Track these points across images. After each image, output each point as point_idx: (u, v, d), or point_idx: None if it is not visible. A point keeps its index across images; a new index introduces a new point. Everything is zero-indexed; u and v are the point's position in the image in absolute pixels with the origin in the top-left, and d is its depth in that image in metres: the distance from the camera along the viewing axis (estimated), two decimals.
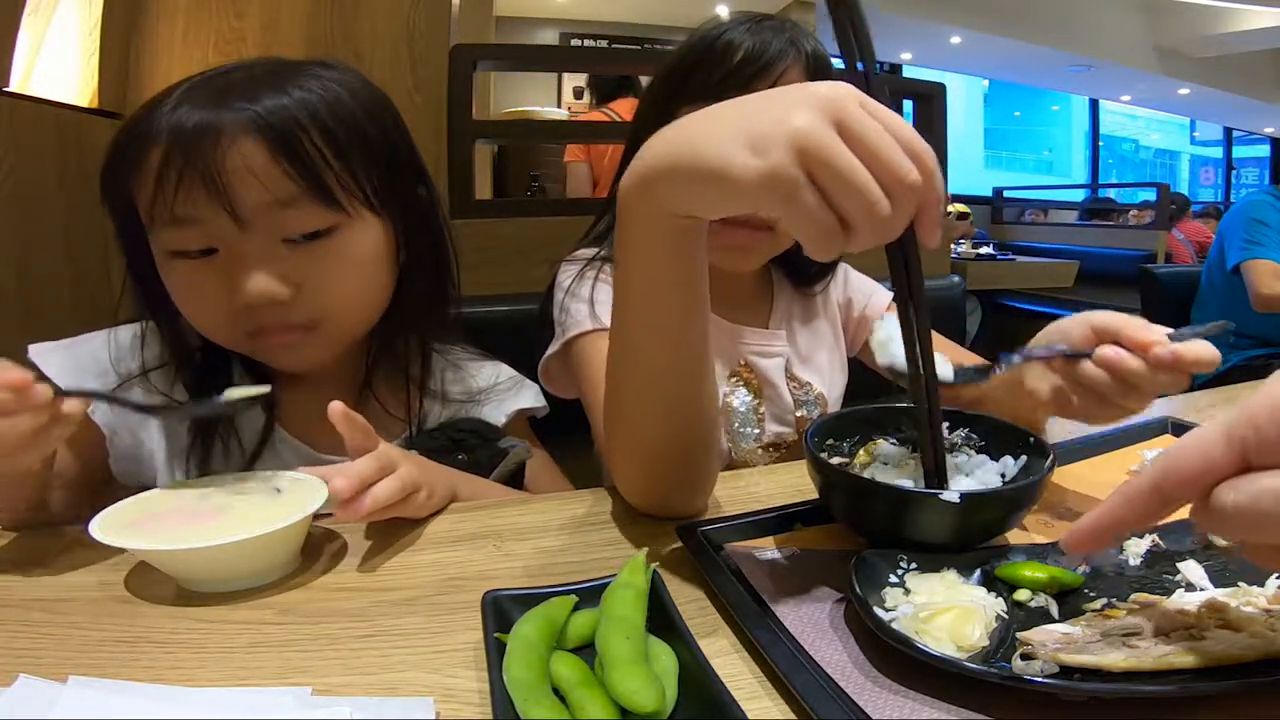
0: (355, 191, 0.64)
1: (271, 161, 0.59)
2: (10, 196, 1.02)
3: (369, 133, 0.65)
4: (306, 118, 0.60)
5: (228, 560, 0.48)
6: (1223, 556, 0.49)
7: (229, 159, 0.58)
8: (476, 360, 0.82)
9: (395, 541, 0.56)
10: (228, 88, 0.60)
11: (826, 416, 0.63)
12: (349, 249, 0.64)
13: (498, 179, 3.02)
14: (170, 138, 0.57)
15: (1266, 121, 8.89)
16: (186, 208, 0.58)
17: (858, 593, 0.42)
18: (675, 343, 0.52)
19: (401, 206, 0.68)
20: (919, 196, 0.37)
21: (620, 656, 0.37)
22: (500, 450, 0.72)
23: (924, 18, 5.84)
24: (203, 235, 0.60)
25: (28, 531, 0.58)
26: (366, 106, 0.66)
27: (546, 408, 0.81)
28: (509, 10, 5.52)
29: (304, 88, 0.62)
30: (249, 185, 0.59)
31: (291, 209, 0.60)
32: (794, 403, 0.85)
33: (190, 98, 0.59)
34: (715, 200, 0.42)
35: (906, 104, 1.82)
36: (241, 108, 0.58)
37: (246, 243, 0.60)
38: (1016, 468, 0.54)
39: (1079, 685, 0.35)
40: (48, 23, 1.22)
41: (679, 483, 0.58)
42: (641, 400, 0.55)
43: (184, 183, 0.57)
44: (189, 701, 0.37)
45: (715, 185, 0.40)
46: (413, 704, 0.37)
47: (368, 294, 0.68)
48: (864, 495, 0.50)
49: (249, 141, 0.58)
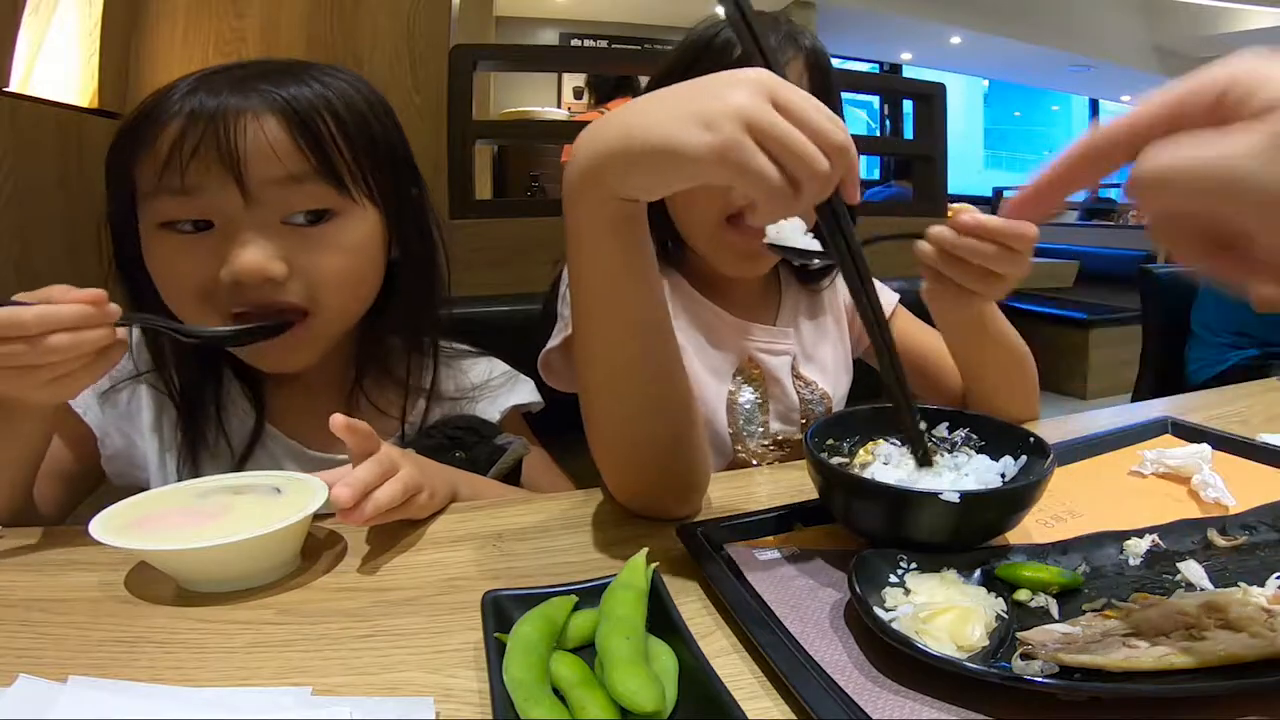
0: (359, 179, 0.65)
1: (289, 138, 0.61)
2: (10, 196, 1.02)
3: (374, 129, 0.67)
4: (323, 105, 0.63)
5: (228, 560, 0.48)
6: (1223, 556, 0.49)
7: (249, 133, 0.59)
8: (469, 357, 0.82)
9: (396, 541, 0.56)
10: (246, 77, 0.62)
11: (827, 416, 0.63)
12: (344, 236, 0.65)
13: (498, 179, 3.02)
14: (189, 115, 0.59)
15: None
16: (196, 176, 0.59)
17: (858, 593, 0.42)
18: (636, 335, 0.53)
19: (397, 203, 0.70)
20: (845, 158, 0.42)
21: (620, 656, 0.37)
22: (497, 447, 0.72)
23: (924, 18, 5.84)
24: (203, 207, 0.61)
25: (28, 531, 0.58)
26: (372, 105, 0.68)
27: (541, 402, 0.81)
28: (509, 10, 5.52)
29: (319, 81, 0.64)
30: (264, 158, 0.60)
31: (300, 186, 0.62)
32: (799, 401, 0.86)
33: (207, 84, 0.61)
34: (669, 176, 0.44)
35: (906, 104, 1.82)
36: (265, 90, 0.61)
37: (247, 218, 0.61)
38: (1016, 468, 0.54)
39: (1079, 685, 0.35)
40: (48, 23, 1.22)
41: (664, 484, 0.58)
42: (612, 400, 0.56)
43: (199, 154, 0.59)
44: (189, 701, 0.37)
45: (669, 161, 0.43)
46: (413, 704, 0.37)
47: (357, 284, 0.68)
48: (863, 495, 0.50)
49: (271, 118, 0.60)
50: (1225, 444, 0.68)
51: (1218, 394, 0.93)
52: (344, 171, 0.64)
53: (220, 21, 1.31)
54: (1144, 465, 0.65)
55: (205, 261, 0.61)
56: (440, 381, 0.78)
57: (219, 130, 0.59)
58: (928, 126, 1.73)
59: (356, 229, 0.66)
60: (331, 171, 0.63)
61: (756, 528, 0.55)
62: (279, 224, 0.62)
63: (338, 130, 0.63)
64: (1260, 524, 0.52)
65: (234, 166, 0.59)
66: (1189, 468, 0.63)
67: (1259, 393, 0.94)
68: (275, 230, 0.62)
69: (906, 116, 5.20)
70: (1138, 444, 0.70)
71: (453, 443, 0.70)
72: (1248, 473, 0.64)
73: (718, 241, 0.76)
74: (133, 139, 0.61)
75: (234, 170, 0.59)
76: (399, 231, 0.71)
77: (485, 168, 2.81)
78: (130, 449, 0.69)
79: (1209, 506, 0.58)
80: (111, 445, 0.68)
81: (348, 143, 0.64)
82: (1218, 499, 0.58)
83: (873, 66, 7.21)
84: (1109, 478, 0.64)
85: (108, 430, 0.68)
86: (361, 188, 0.66)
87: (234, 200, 0.60)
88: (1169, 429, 0.74)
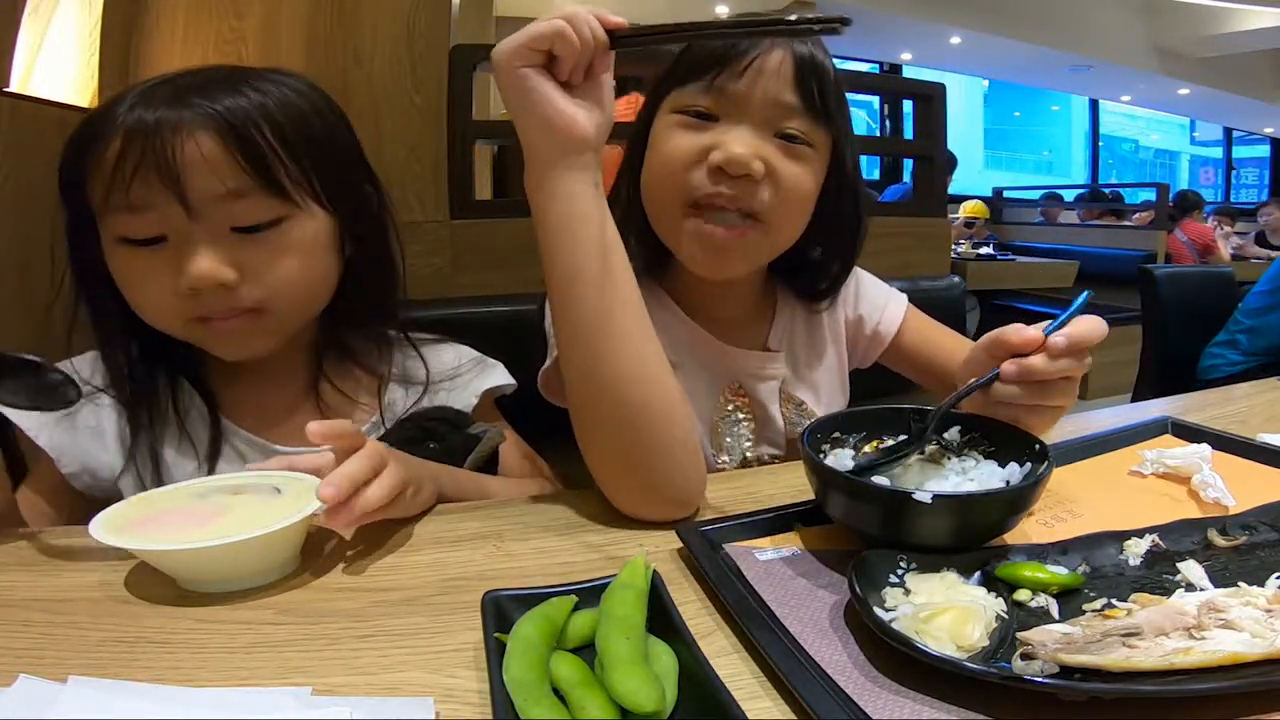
0: (304, 185, 0.66)
1: (225, 153, 0.61)
2: (10, 196, 1.02)
3: (317, 130, 0.68)
4: (259, 114, 0.63)
5: (228, 560, 0.48)
6: (1223, 556, 0.49)
7: (185, 149, 0.60)
8: (434, 344, 0.82)
9: (395, 541, 0.56)
10: (184, 89, 0.62)
11: (827, 416, 0.63)
12: (294, 239, 0.66)
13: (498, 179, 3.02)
14: (128, 131, 0.60)
15: (1266, 121, 8.89)
16: (140, 194, 0.60)
17: (858, 593, 0.42)
18: (613, 335, 0.57)
19: (347, 202, 0.70)
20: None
21: (620, 656, 0.37)
22: (472, 437, 0.72)
23: (924, 18, 5.84)
24: (154, 223, 0.62)
25: (28, 532, 0.58)
26: (315, 107, 0.69)
27: (514, 384, 0.81)
28: (509, 10, 5.51)
29: (257, 89, 0.65)
30: (202, 175, 0.61)
31: (242, 200, 0.63)
32: (785, 425, 0.82)
33: (146, 98, 0.61)
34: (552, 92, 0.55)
35: (906, 104, 1.82)
36: (199, 105, 0.61)
37: (196, 230, 0.62)
38: (1021, 474, 0.54)
39: (1079, 685, 0.35)
40: (48, 23, 1.22)
41: (653, 488, 0.59)
42: (598, 407, 0.59)
43: (140, 171, 0.59)
44: (189, 701, 0.37)
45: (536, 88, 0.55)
46: (413, 704, 0.37)
47: (310, 282, 0.69)
48: (846, 493, 0.51)
49: (205, 134, 0.61)
50: (1225, 444, 0.68)
51: (1218, 394, 0.94)
52: (285, 180, 0.64)
53: (220, 21, 1.31)
54: (1144, 465, 0.65)
55: (162, 272, 0.62)
56: (410, 369, 0.78)
57: (156, 147, 0.59)
58: (927, 126, 1.73)
59: (305, 230, 0.66)
60: (272, 182, 0.63)
61: (756, 528, 0.55)
62: (229, 231, 0.63)
63: (275, 138, 0.64)
64: (1260, 524, 0.52)
65: (174, 184, 0.60)
66: (1189, 468, 0.63)
67: (1259, 393, 0.94)
68: (225, 238, 0.63)
69: (906, 116, 5.20)
70: (1138, 444, 0.70)
71: (426, 434, 0.70)
72: (1248, 473, 0.64)
73: (680, 231, 0.71)
74: (79, 153, 0.62)
75: (173, 187, 0.60)
76: (352, 228, 0.71)
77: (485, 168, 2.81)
78: (93, 464, 0.68)
79: (1209, 506, 0.58)
80: (70, 463, 0.67)
81: (288, 150, 0.64)
82: (1218, 499, 0.58)
83: (873, 66, 7.21)
84: (1109, 478, 0.64)
85: (64, 449, 0.67)
86: (306, 191, 0.66)
87: (179, 215, 0.61)
88: (1169, 429, 0.74)
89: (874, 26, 6.04)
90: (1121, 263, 4.06)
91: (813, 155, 0.70)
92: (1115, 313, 3.74)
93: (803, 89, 0.68)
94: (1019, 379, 0.54)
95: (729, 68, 0.67)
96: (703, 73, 0.68)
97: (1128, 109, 10.37)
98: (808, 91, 0.68)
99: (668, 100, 0.71)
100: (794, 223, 0.72)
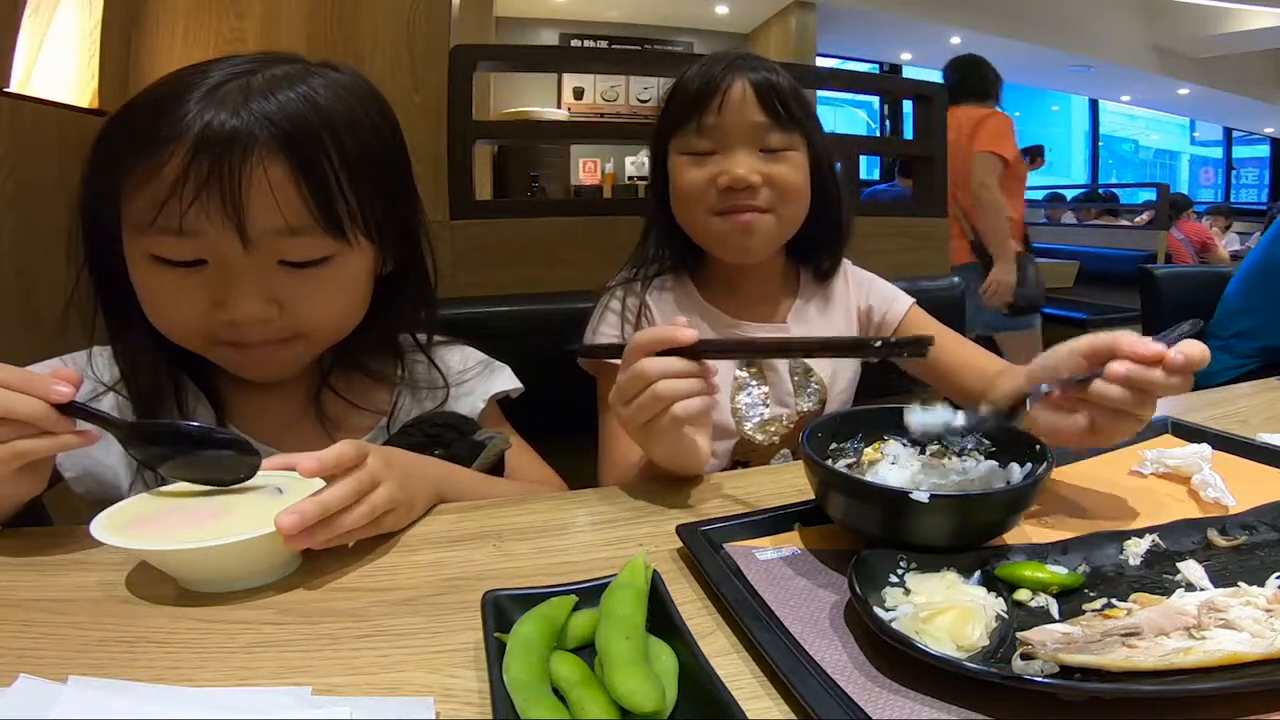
0: (358, 220, 0.64)
1: (293, 185, 0.59)
2: (10, 196, 1.02)
3: (377, 154, 0.65)
4: (328, 135, 0.61)
5: (228, 560, 0.48)
6: (1223, 556, 0.49)
7: (254, 178, 0.57)
8: (443, 345, 0.81)
9: (395, 541, 0.56)
10: (253, 91, 0.59)
11: (827, 416, 0.63)
12: (339, 276, 0.65)
13: (498, 179, 3.02)
14: (196, 144, 0.56)
15: (1266, 121, 8.89)
16: (195, 221, 0.57)
17: (858, 593, 0.42)
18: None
19: (393, 228, 0.69)
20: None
21: (620, 656, 0.37)
22: (478, 443, 0.72)
23: (924, 18, 5.84)
24: (200, 248, 0.59)
25: (28, 531, 0.58)
26: (377, 127, 0.66)
27: (521, 388, 0.81)
28: (509, 11, 5.52)
29: (325, 97, 0.61)
30: (266, 209, 0.58)
31: (299, 237, 0.60)
32: (793, 388, 0.91)
33: (213, 99, 0.57)
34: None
35: (906, 104, 1.82)
36: (270, 119, 0.58)
37: (245, 262, 0.60)
38: (1022, 473, 0.54)
39: (1079, 685, 0.35)
40: (48, 23, 1.22)
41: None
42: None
43: (201, 197, 0.56)
44: (189, 701, 0.37)
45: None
46: (413, 704, 0.37)
47: (348, 315, 0.69)
48: (843, 492, 0.51)
49: (275, 161, 0.58)
50: (1225, 444, 0.68)
51: (1218, 394, 0.93)
52: (344, 217, 0.62)
53: (220, 21, 1.31)
54: (1144, 465, 0.65)
55: (197, 294, 0.60)
56: (418, 372, 0.77)
57: (223, 174, 0.56)
58: (928, 126, 1.73)
59: (349, 268, 0.65)
60: (332, 221, 0.61)
61: (756, 528, 0.55)
62: (275, 264, 0.61)
63: (342, 167, 0.61)
64: (1260, 524, 0.52)
65: (236, 215, 0.57)
66: (1189, 468, 0.63)
67: (1259, 393, 0.94)
68: (270, 271, 0.61)
69: (906, 117, 5.21)
70: (1138, 444, 0.70)
71: (432, 440, 0.70)
72: (1248, 473, 0.64)
73: (713, 232, 0.87)
74: (128, 145, 0.58)
75: (235, 220, 0.57)
76: (393, 250, 0.70)
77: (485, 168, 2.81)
78: (96, 468, 0.67)
79: (1209, 506, 0.58)
80: (74, 467, 0.66)
81: (351, 180, 0.62)
82: (1218, 499, 0.58)
83: (872, 66, 7.22)
84: (1109, 478, 0.64)
85: (69, 454, 0.64)
86: (359, 228, 0.64)
87: (233, 246, 0.59)
88: (1169, 429, 0.74)
89: (874, 26, 6.05)
90: (1121, 262, 4.06)
91: (795, 155, 0.86)
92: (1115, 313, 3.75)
93: (768, 108, 0.83)
94: (1128, 383, 0.54)
95: (708, 105, 0.83)
96: (690, 113, 0.85)
97: (1128, 109, 10.36)
98: (772, 109, 0.83)
99: (673, 143, 0.88)
100: (796, 206, 0.87)
